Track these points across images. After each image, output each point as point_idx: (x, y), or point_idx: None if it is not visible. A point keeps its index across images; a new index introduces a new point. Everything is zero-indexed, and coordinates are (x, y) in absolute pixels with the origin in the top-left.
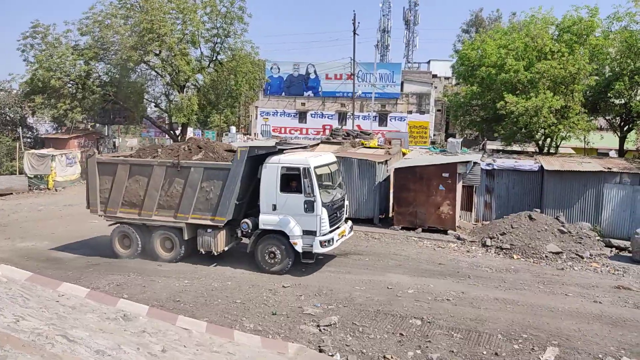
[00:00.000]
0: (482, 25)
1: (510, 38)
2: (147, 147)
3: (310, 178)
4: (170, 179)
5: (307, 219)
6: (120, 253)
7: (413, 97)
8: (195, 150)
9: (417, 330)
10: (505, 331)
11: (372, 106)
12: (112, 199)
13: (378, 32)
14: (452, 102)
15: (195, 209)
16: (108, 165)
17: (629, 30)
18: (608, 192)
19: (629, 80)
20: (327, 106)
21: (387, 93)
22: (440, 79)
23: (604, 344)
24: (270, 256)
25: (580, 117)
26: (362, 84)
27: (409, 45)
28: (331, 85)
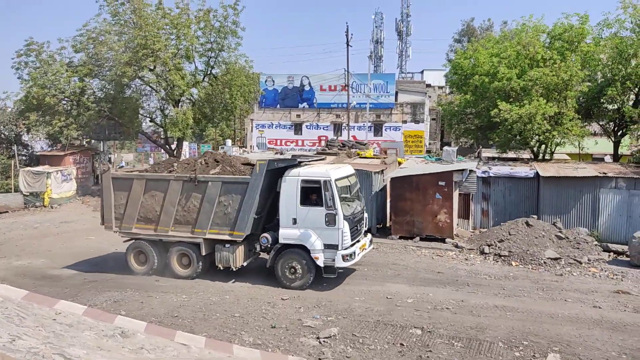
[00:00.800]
0: (474, 35)
1: (502, 47)
2: (162, 161)
3: (332, 191)
4: (187, 194)
5: (329, 232)
6: (135, 269)
7: (407, 107)
8: (212, 164)
9: (417, 340)
10: (506, 339)
11: (367, 116)
12: (128, 215)
13: (371, 43)
14: (447, 111)
15: (213, 224)
16: (123, 180)
17: (619, 37)
18: (604, 197)
19: (621, 86)
20: (322, 117)
21: (381, 103)
22: (434, 88)
23: (605, 349)
24: (291, 271)
25: (574, 123)
26: (357, 94)
27: (402, 56)
28: (326, 96)
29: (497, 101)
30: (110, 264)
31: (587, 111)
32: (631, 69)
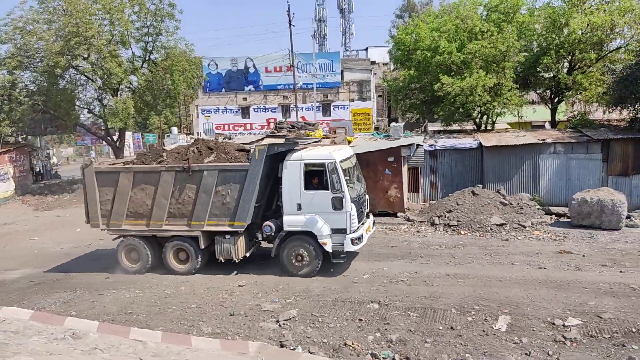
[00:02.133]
0: (415, 10)
1: (441, 21)
2: (149, 151)
3: (338, 173)
4: (180, 185)
5: (336, 216)
6: (128, 268)
7: (354, 85)
8: (206, 152)
9: (375, 314)
10: (459, 305)
11: (315, 96)
12: (115, 211)
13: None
14: (392, 87)
15: (211, 215)
16: (108, 174)
17: (551, 7)
18: (544, 163)
19: (556, 54)
20: (270, 100)
21: (328, 83)
22: (379, 65)
23: (551, 307)
24: (298, 259)
25: (512, 93)
26: (303, 75)
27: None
28: (271, 78)
29: (439, 75)
30: (57, 264)
31: (524, 81)
32: (564, 38)
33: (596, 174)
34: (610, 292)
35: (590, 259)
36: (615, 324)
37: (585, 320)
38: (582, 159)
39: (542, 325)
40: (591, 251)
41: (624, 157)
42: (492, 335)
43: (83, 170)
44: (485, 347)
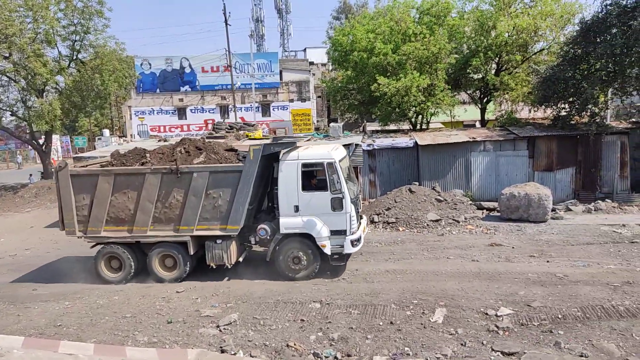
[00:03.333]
0: (351, 12)
1: (377, 23)
2: (130, 151)
3: (337, 173)
4: (167, 188)
5: (335, 218)
6: (108, 278)
7: (293, 85)
8: (194, 152)
9: (317, 314)
10: (398, 300)
11: (254, 97)
12: (94, 217)
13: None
14: (330, 88)
15: (202, 219)
16: (85, 177)
17: (479, 10)
18: (475, 160)
19: (484, 56)
20: (207, 100)
21: (267, 83)
22: (317, 66)
23: (484, 298)
24: (295, 262)
25: (445, 93)
26: (241, 75)
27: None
28: (209, 78)
29: (376, 76)
30: None
31: (456, 81)
32: (492, 40)
33: (523, 170)
34: (538, 281)
35: (520, 251)
36: (544, 312)
37: (516, 309)
38: (510, 155)
39: (476, 316)
40: (520, 243)
41: (548, 153)
42: (429, 328)
43: (57, 173)
44: (423, 340)
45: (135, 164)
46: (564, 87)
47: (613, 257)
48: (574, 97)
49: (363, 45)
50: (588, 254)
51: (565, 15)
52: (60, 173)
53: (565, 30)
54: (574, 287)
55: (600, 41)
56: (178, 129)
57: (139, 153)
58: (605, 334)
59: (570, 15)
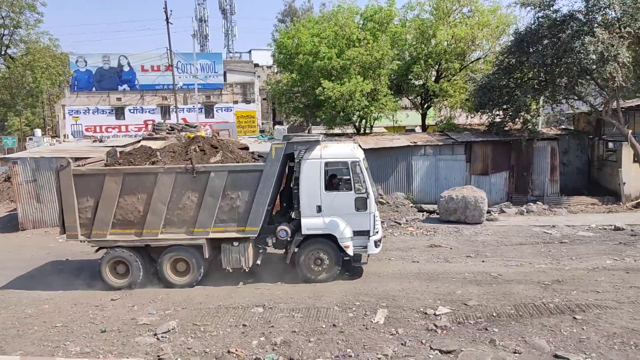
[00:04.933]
0: (296, 15)
1: (321, 27)
2: (136, 150)
3: (363, 173)
4: (182, 188)
5: (359, 218)
6: (113, 283)
7: (237, 87)
8: (210, 150)
9: (259, 318)
10: (341, 302)
11: (196, 98)
12: (99, 219)
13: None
14: (275, 90)
15: (218, 220)
16: (90, 177)
17: (420, 19)
18: (416, 164)
19: (425, 63)
20: (147, 100)
21: (210, 84)
22: (262, 68)
23: (423, 298)
24: (317, 263)
25: (387, 98)
26: (183, 75)
27: (229, 35)
28: (149, 77)
29: (320, 80)
30: None
31: (398, 87)
32: (432, 48)
33: (461, 173)
34: (474, 280)
35: (457, 251)
36: (479, 310)
37: (454, 308)
38: (449, 159)
39: (416, 316)
40: (458, 244)
41: (484, 158)
42: (371, 329)
43: (58, 173)
44: (365, 341)
45: (144, 163)
46: (499, 94)
47: (544, 256)
48: (508, 105)
49: (308, 48)
50: (521, 254)
51: (500, 26)
52: (62, 173)
53: (501, 41)
54: (507, 286)
55: (533, 51)
56: (115, 129)
57: (147, 152)
58: (537, 331)
59: (506, 26)
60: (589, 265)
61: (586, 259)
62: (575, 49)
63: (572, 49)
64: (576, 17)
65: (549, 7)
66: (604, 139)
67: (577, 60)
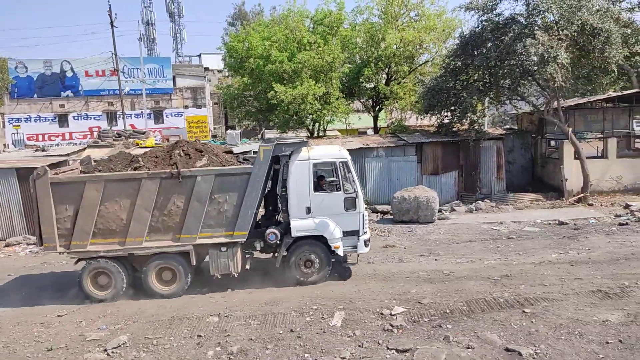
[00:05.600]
0: (247, 18)
1: (272, 30)
2: (115, 155)
3: (351, 173)
4: (167, 194)
5: (348, 218)
6: (95, 295)
7: (187, 92)
8: (195, 154)
9: (215, 328)
10: (298, 307)
11: (144, 103)
12: (79, 229)
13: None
14: (227, 95)
15: (205, 226)
16: (69, 185)
17: (370, 22)
18: (369, 165)
19: (375, 67)
20: (92, 106)
21: (159, 89)
22: (213, 72)
23: (380, 298)
24: (307, 265)
25: (340, 101)
26: (130, 80)
27: (177, 39)
28: (94, 83)
29: (272, 83)
30: None
31: (349, 90)
32: (381, 51)
33: (412, 174)
34: (428, 279)
35: (411, 251)
36: (433, 308)
37: (409, 307)
38: (401, 161)
39: (373, 316)
40: (411, 243)
41: (434, 158)
42: (329, 332)
43: (34, 182)
44: (323, 345)
45: (125, 169)
46: (446, 96)
47: (493, 252)
48: (455, 106)
49: (259, 52)
50: (471, 251)
51: (446, 29)
52: (39, 181)
53: (447, 44)
54: (459, 283)
55: (477, 54)
56: (59, 137)
57: (127, 157)
58: (488, 325)
59: (451, 30)
60: (536, 260)
61: (533, 253)
62: (517, 51)
63: (515, 51)
64: (518, 20)
65: (492, 11)
66: (546, 138)
67: (519, 62)
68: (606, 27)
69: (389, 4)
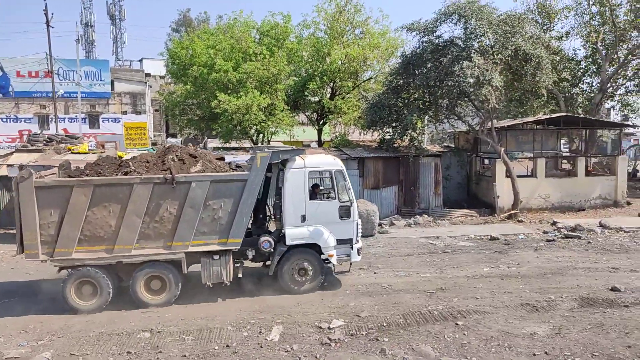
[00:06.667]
0: (191, 26)
1: (217, 39)
2: (102, 159)
3: (346, 181)
4: (159, 200)
5: (342, 226)
6: (79, 306)
7: (127, 97)
8: (189, 160)
9: (146, 344)
10: (235, 321)
11: (80, 107)
12: (64, 236)
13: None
14: (169, 102)
15: (198, 233)
16: (55, 189)
17: (316, 37)
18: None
19: (320, 81)
20: (23, 108)
21: (96, 92)
22: (155, 78)
23: (318, 312)
24: (301, 274)
25: (284, 113)
26: (65, 82)
27: (118, 42)
28: (26, 84)
29: (216, 92)
30: None
31: (294, 103)
32: (327, 66)
33: (355, 188)
34: (366, 292)
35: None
36: (371, 321)
37: (347, 320)
38: None
39: (311, 330)
40: None
41: (375, 173)
42: (266, 347)
43: (17, 185)
44: None
45: (114, 174)
46: (388, 113)
47: (429, 266)
48: (397, 123)
49: (203, 60)
50: (409, 265)
51: (389, 48)
52: (22, 185)
53: (390, 62)
54: (397, 296)
55: (418, 74)
56: None
57: (114, 162)
58: (423, 338)
59: (394, 49)
60: (469, 273)
61: (466, 267)
62: (455, 72)
63: (452, 73)
64: (456, 43)
65: (432, 33)
66: (480, 156)
67: (456, 83)
68: (537, 53)
69: (334, 20)
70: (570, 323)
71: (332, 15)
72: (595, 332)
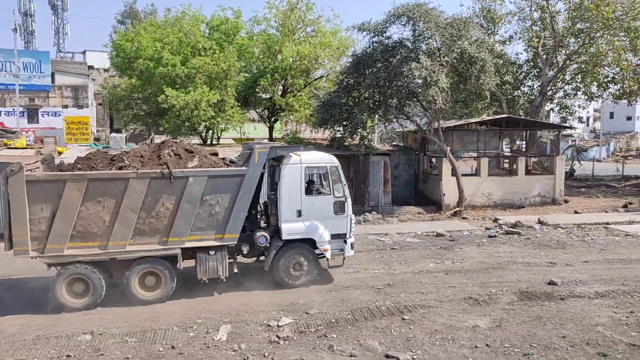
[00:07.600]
0: (138, 18)
1: (165, 32)
2: (95, 153)
3: (340, 177)
4: (155, 195)
5: (337, 221)
6: (70, 304)
7: (68, 90)
8: (186, 155)
9: (87, 347)
10: (181, 322)
11: (17, 100)
12: (56, 232)
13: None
14: (113, 95)
15: (195, 228)
16: (47, 184)
17: (267, 34)
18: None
19: (271, 78)
20: None
21: (35, 85)
22: (99, 71)
23: (268, 310)
24: (296, 268)
25: (235, 110)
26: (2, 74)
27: (59, 33)
28: None
29: (163, 87)
30: None
31: (245, 99)
32: (278, 63)
33: None
34: (316, 289)
35: None
36: (320, 318)
37: (296, 317)
38: None
39: (260, 329)
40: None
41: None
42: (213, 347)
43: (7, 179)
44: None
45: (108, 168)
46: (339, 111)
47: (378, 262)
48: (347, 121)
49: (149, 53)
50: (358, 261)
51: (340, 47)
52: (12, 179)
53: (341, 61)
54: (346, 292)
55: (368, 73)
56: None
57: (107, 156)
58: (370, 333)
59: (345, 48)
60: (415, 269)
61: (413, 263)
62: (403, 73)
63: (401, 73)
64: (405, 44)
65: (382, 33)
66: (427, 155)
67: (405, 83)
68: (482, 57)
69: (286, 17)
70: (510, 316)
71: (283, 12)
72: (534, 324)
